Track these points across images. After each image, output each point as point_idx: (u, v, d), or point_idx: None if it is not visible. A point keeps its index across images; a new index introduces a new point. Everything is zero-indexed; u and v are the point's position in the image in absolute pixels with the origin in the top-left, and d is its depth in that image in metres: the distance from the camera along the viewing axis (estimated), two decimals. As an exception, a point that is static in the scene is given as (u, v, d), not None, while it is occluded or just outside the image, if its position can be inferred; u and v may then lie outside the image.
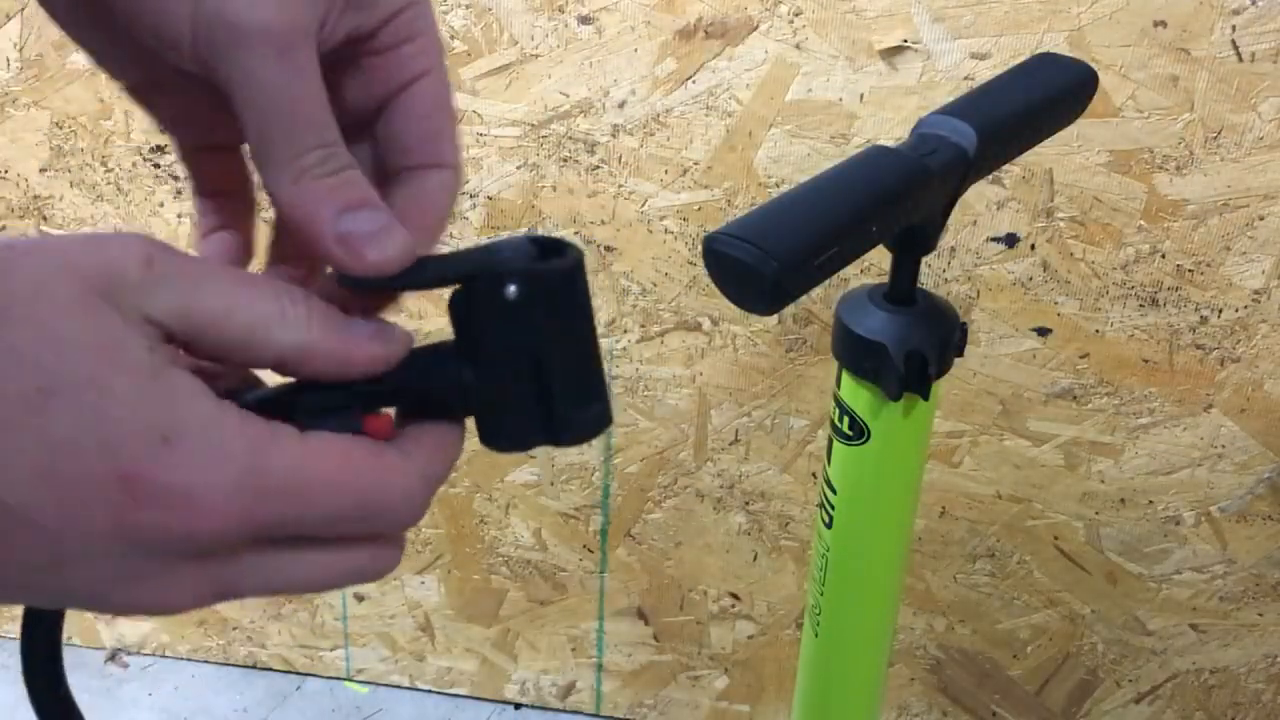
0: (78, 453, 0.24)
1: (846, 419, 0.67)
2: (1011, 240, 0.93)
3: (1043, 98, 0.63)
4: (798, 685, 0.82)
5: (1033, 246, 0.93)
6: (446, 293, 0.32)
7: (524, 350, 0.30)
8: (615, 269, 1.01)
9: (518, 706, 1.30)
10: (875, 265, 0.97)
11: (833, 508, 0.71)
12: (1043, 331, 0.96)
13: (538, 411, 0.31)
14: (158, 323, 0.26)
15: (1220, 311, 0.92)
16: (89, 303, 0.25)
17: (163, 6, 0.28)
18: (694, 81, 0.92)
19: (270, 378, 0.31)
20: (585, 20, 0.92)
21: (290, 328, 0.28)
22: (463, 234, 1.02)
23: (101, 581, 0.26)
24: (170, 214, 1.07)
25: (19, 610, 0.40)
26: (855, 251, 0.55)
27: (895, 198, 0.55)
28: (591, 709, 1.28)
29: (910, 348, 0.62)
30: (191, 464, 0.25)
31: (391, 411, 0.32)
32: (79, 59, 1.01)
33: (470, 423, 0.32)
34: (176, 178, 1.05)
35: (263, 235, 0.37)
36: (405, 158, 0.33)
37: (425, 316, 1.06)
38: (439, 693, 1.31)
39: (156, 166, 1.05)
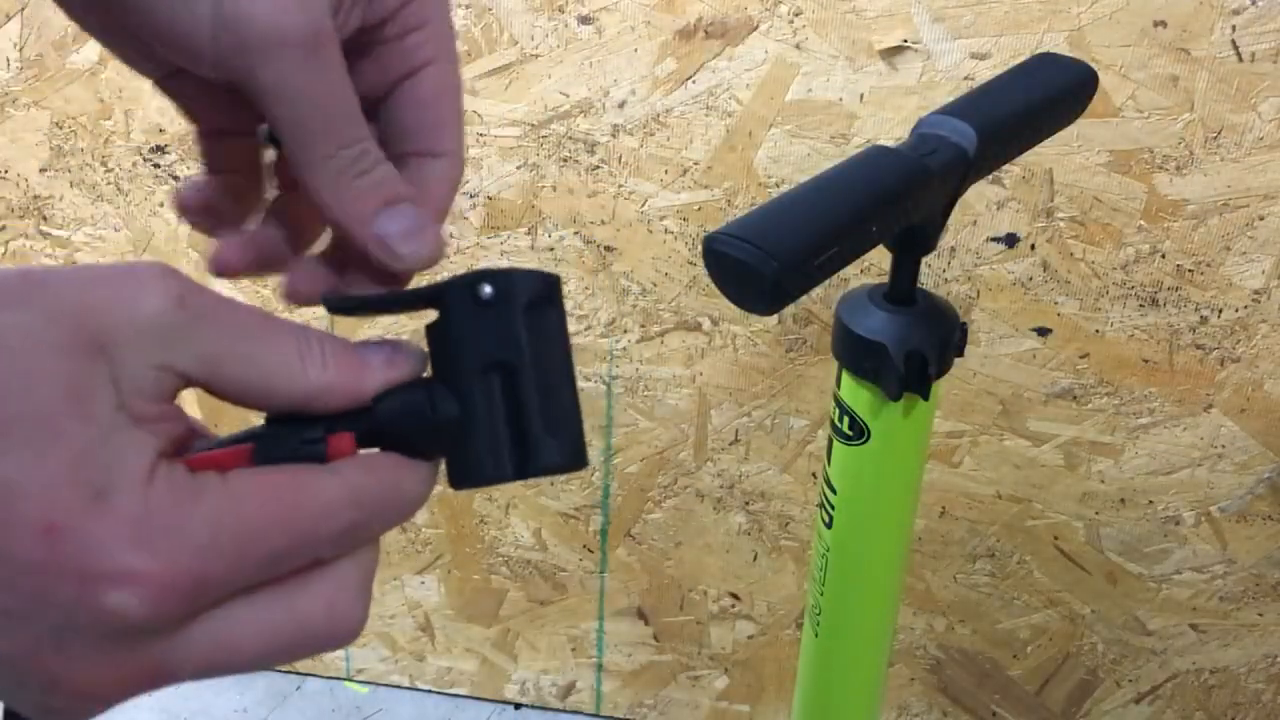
0: (13, 492, 0.23)
1: (846, 419, 0.67)
2: (1011, 240, 0.93)
3: (1043, 98, 0.63)
4: (798, 685, 0.82)
5: (1033, 246, 0.93)
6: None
7: (497, 357, 0.29)
8: (615, 269, 1.01)
9: (518, 706, 1.30)
10: (875, 265, 0.97)
11: (833, 508, 0.71)
12: (1043, 331, 0.96)
13: (510, 434, 0.30)
14: (177, 371, 0.26)
15: (1220, 311, 0.92)
16: (75, 348, 0.24)
17: (180, 16, 0.28)
18: (694, 81, 0.92)
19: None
20: (585, 20, 0.92)
21: (311, 372, 0.28)
22: (463, 234, 1.02)
23: (14, 646, 0.24)
24: (170, 214, 1.07)
25: None
26: (855, 251, 0.55)
27: (895, 198, 0.55)
28: (591, 709, 1.28)
29: (910, 348, 0.62)
30: (117, 524, 0.24)
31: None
32: (79, 59, 1.01)
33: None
34: (177, 178, 1.05)
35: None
36: (407, 144, 0.33)
37: (426, 316, 1.06)
38: (439, 693, 1.31)
39: (156, 166, 1.05)
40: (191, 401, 1.17)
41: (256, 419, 0.30)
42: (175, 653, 0.26)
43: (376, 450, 0.30)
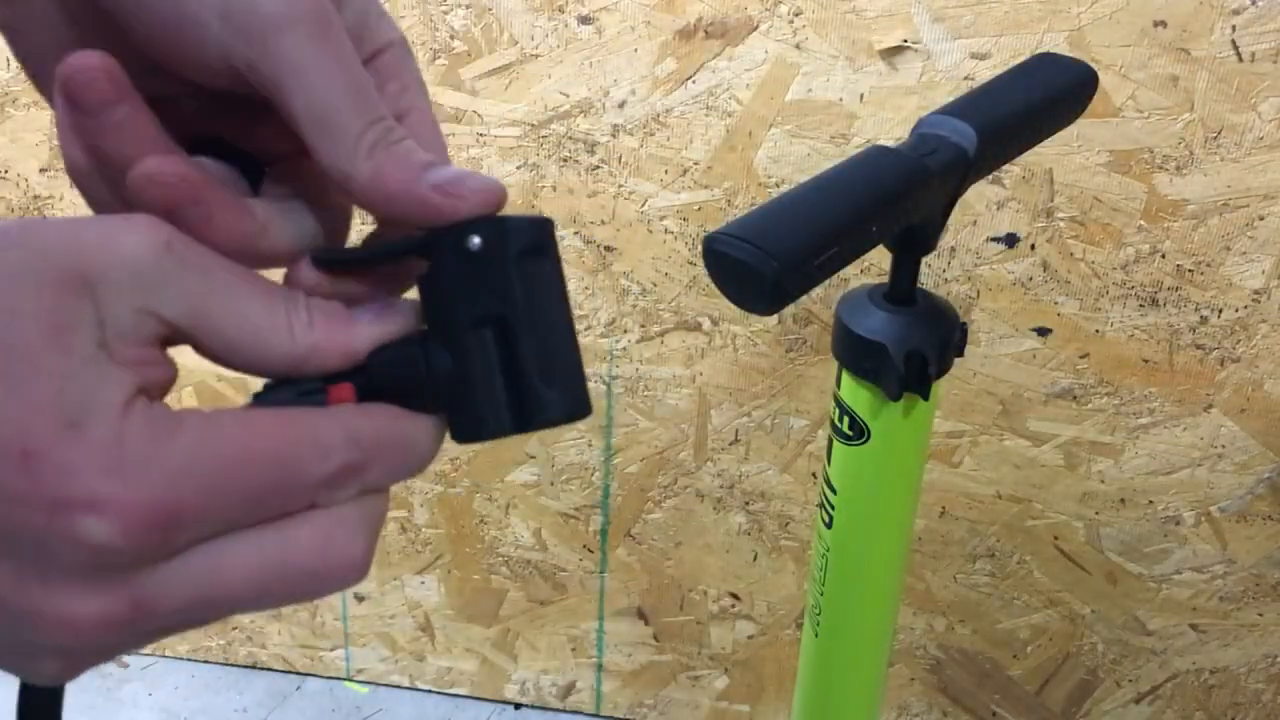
0: None
1: (846, 419, 0.67)
2: (1011, 240, 0.93)
3: (1043, 98, 0.63)
4: (798, 685, 0.82)
5: (1033, 246, 0.93)
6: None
7: (490, 310, 0.29)
8: (615, 269, 1.01)
9: (518, 706, 1.30)
10: (875, 265, 0.97)
11: (833, 508, 0.71)
12: (1043, 331, 0.96)
13: (507, 386, 0.29)
14: (161, 318, 0.26)
15: (1220, 311, 0.92)
16: (60, 284, 0.24)
17: (186, 22, 0.28)
18: (694, 81, 0.92)
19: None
20: (585, 20, 0.92)
21: (298, 331, 0.28)
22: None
23: None
24: (170, 214, 1.07)
25: None
26: (855, 251, 0.55)
27: (895, 198, 0.55)
28: (591, 709, 1.28)
29: (910, 348, 0.62)
30: (90, 452, 0.24)
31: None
32: (79, 59, 1.01)
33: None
34: (176, 178, 1.05)
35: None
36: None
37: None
38: (439, 693, 1.31)
39: (156, 166, 1.05)
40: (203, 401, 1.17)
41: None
42: (157, 586, 0.25)
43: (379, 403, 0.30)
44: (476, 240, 0.28)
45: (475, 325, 0.29)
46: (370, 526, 0.28)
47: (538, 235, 0.29)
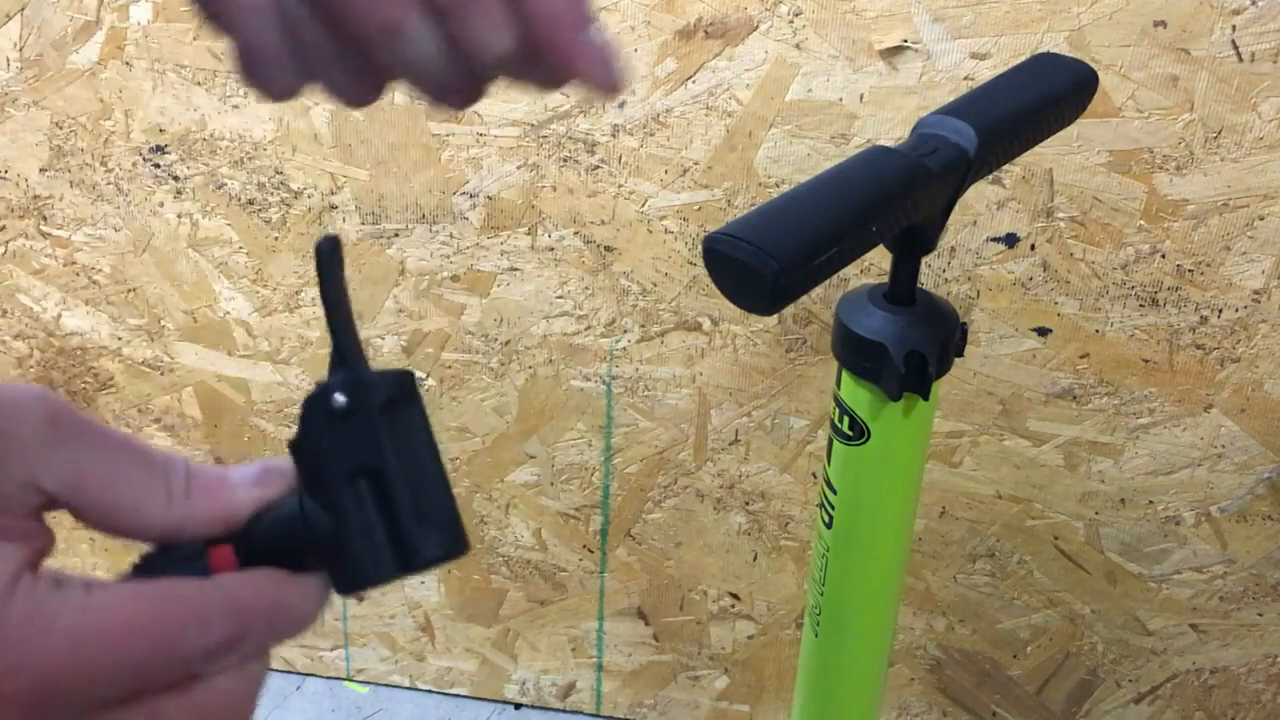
0: None
1: (846, 419, 0.67)
2: (1011, 240, 0.93)
3: (1043, 98, 0.63)
4: (798, 685, 0.82)
5: (1033, 246, 0.93)
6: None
7: (361, 462, 0.30)
8: (615, 269, 1.01)
9: (518, 706, 1.30)
10: (875, 265, 0.97)
11: (833, 508, 0.71)
12: (1043, 331, 0.96)
13: (386, 534, 0.30)
14: (43, 489, 0.26)
15: (1220, 311, 0.92)
16: None
17: None
18: (694, 81, 0.92)
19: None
20: (585, 20, 0.92)
21: (176, 498, 0.28)
22: (463, 234, 1.02)
23: None
24: (170, 214, 1.07)
25: None
26: (855, 251, 0.55)
27: (895, 198, 0.55)
28: (591, 709, 1.28)
29: (910, 348, 0.62)
30: None
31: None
32: (79, 59, 1.01)
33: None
34: (177, 178, 1.05)
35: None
36: None
37: (425, 316, 1.06)
38: (439, 693, 1.31)
39: (156, 166, 1.05)
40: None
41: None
42: None
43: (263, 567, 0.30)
44: (340, 398, 0.29)
45: (349, 478, 0.30)
46: (247, 693, 0.28)
47: (398, 386, 0.31)
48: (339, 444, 0.30)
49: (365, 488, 0.30)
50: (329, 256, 0.31)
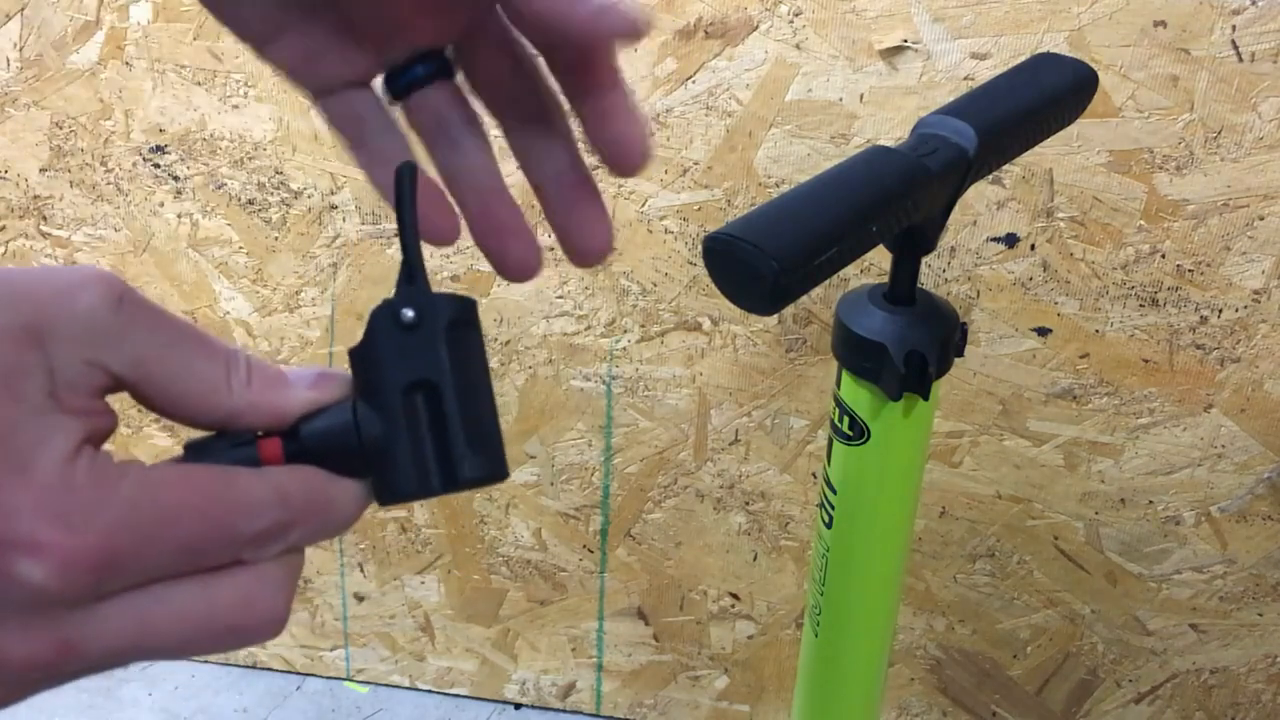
0: None
1: (846, 419, 0.67)
2: (1011, 240, 0.93)
3: (1043, 98, 0.63)
4: (798, 685, 0.82)
5: (1033, 246, 0.93)
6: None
7: (421, 376, 0.31)
8: (615, 269, 1.01)
9: (518, 706, 1.30)
10: (875, 265, 0.97)
11: (833, 508, 0.71)
12: (1043, 331, 0.96)
13: (434, 450, 0.31)
14: (108, 370, 0.27)
15: (1220, 311, 0.92)
16: (13, 335, 0.25)
17: None
18: (694, 81, 0.92)
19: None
20: (585, 20, 0.92)
21: (236, 388, 0.29)
22: (463, 234, 1.02)
23: None
24: (170, 214, 1.07)
25: None
26: (855, 251, 0.55)
27: (895, 198, 0.55)
28: (591, 709, 1.28)
29: (910, 348, 0.62)
30: (34, 497, 0.25)
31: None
32: (79, 59, 1.01)
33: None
34: (177, 178, 1.05)
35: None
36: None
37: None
38: (439, 693, 1.31)
39: (156, 166, 1.05)
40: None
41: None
42: (86, 630, 0.26)
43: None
44: (409, 313, 0.31)
45: (406, 390, 0.31)
46: (289, 584, 0.30)
47: (464, 310, 0.32)
48: (401, 356, 0.31)
49: (421, 401, 0.31)
50: (408, 182, 0.33)
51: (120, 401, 0.29)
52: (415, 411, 0.31)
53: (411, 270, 0.32)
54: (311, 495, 0.30)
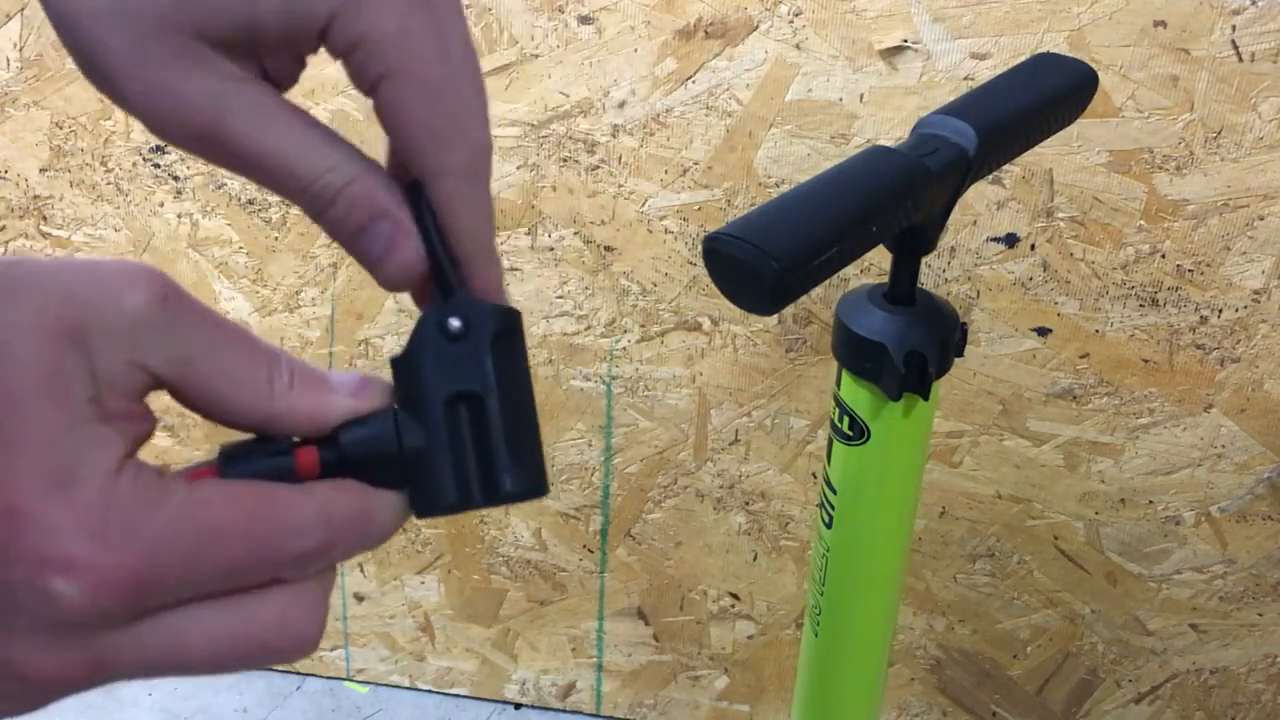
0: None
1: (846, 419, 0.67)
2: (1011, 240, 0.93)
3: (1043, 98, 0.63)
4: (798, 685, 0.82)
5: (1033, 246, 0.93)
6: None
7: (466, 387, 0.30)
8: (615, 269, 1.01)
9: (518, 706, 1.30)
10: (875, 265, 0.97)
11: (833, 508, 0.71)
12: (1043, 331, 0.96)
13: (476, 463, 0.30)
14: (149, 370, 0.26)
15: (1220, 311, 0.92)
16: (56, 337, 0.24)
17: None
18: (694, 81, 0.92)
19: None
20: (585, 20, 0.92)
21: (278, 391, 0.29)
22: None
23: None
24: (170, 214, 1.07)
25: None
26: (855, 251, 0.55)
27: (895, 198, 0.55)
28: (591, 709, 1.28)
29: (910, 348, 0.62)
30: (75, 515, 0.24)
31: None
32: (79, 59, 1.01)
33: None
34: (177, 178, 1.05)
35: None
36: (412, 169, 0.31)
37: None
38: (439, 693, 1.31)
39: (156, 166, 1.05)
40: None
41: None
42: (118, 648, 0.26)
43: (351, 479, 0.30)
44: (456, 322, 0.30)
45: (450, 402, 0.30)
46: (324, 601, 0.29)
47: (510, 320, 0.31)
48: (447, 366, 0.30)
49: (464, 413, 0.30)
50: (423, 197, 0.32)
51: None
52: (459, 423, 0.30)
53: (449, 283, 0.31)
54: (354, 513, 0.29)
